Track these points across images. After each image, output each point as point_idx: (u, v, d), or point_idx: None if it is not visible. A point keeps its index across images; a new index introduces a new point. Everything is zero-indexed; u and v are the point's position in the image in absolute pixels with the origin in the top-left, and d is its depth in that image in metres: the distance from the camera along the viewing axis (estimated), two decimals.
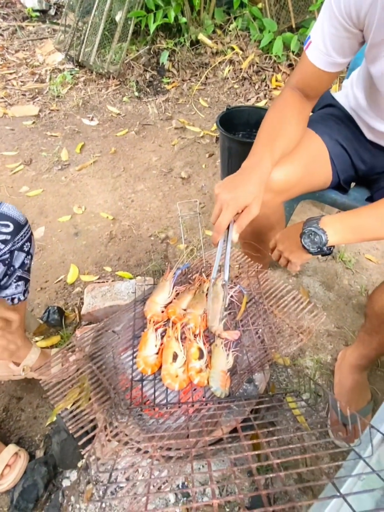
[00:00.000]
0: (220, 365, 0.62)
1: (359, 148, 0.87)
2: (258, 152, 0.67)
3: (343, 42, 0.65)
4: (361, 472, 0.38)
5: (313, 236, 0.66)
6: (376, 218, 0.65)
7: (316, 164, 0.83)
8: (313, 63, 0.69)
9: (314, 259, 1.39)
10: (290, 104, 0.74)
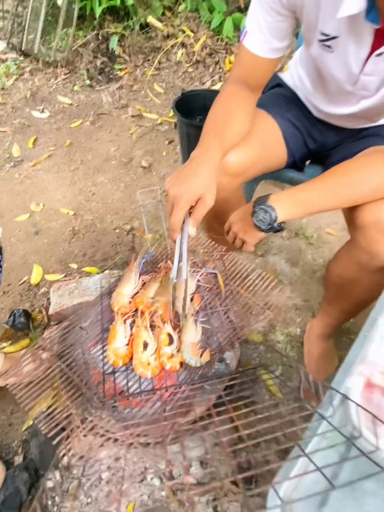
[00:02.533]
0: (189, 339, 0.63)
1: (309, 126, 0.89)
2: (205, 143, 0.67)
3: (278, 25, 0.66)
4: (324, 431, 0.41)
5: (263, 214, 0.67)
6: (320, 192, 0.67)
7: (271, 144, 0.85)
8: (253, 52, 0.69)
9: (278, 238, 1.44)
10: (234, 97, 0.73)
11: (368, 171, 0.65)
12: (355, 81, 0.68)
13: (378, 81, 0.66)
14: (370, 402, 0.43)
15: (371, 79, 0.66)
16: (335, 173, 0.68)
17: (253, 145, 0.80)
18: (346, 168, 0.68)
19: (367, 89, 0.69)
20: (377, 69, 0.64)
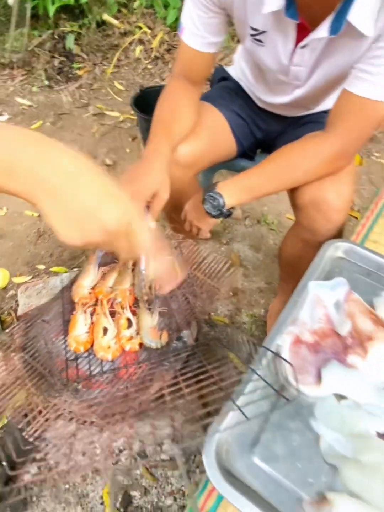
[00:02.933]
0: (147, 324, 0.68)
1: (254, 116, 0.94)
2: (154, 140, 0.71)
3: (211, 21, 0.70)
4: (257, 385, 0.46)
5: (212, 201, 0.72)
6: (262, 177, 0.73)
7: (219, 135, 0.90)
8: (191, 46, 0.73)
9: (242, 226, 1.50)
10: (178, 92, 0.77)
11: (302, 156, 0.71)
12: (287, 71, 0.73)
13: (306, 71, 0.72)
14: (297, 356, 0.49)
15: (300, 69, 0.71)
16: (274, 158, 0.74)
17: (201, 137, 0.84)
18: (283, 154, 0.74)
19: (298, 79, 0.75)
20: (303, 60, 0.69)
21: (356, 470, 0.39)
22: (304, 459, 0.41)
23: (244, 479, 0.40)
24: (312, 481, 0.40)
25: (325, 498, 0.37)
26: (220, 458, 0.40)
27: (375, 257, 0.62)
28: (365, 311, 0.54)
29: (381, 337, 0.50)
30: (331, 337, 0.51)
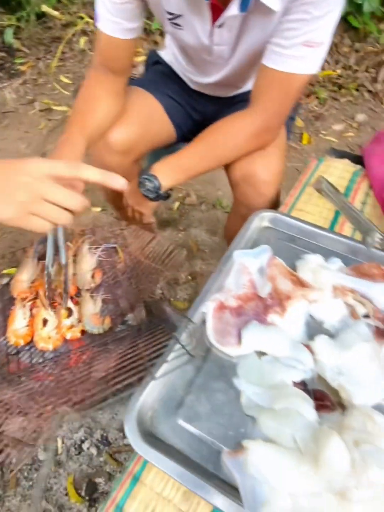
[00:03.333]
0: (89, 310, 0.68)
1: (189, 98, 0.95)
2: (68, 131, 0.69)
3: (125, 7, 0.68)
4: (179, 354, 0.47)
5: (147, 183, 0.73)
6: (194, 156, 0.74)
7: (153, 120, 0.89)
8: (107, 33, 0.71)
9: (198, 212, 1.51)
10: (95, 83, 0.75)
11: (228, 133, 0.73)
12: (210, 51, 0.74)
13: (229, 50, 0.73)
14: (220, 320, 0.51)
15: (222, 48, 0.72)
16: (203, 137, 0.75)
17: (133, 122, 0.83)
18: (211, 132, 0.75)
19: (222, 58, 0.76)
20: (223, 39, 0.70)
21: (270, 417, 0.41)
22: (226, 415, 0.44)
23: (168, 440, 0.41)
24: (233, 434, 0.42)
25: (242, 447, 0.40)
26: (143, 424, 0.42)
27: (298, 223, 0.65)
28: (286, 273, 0.56)
29: (298, 295, 0.52)
30: (253, 300, 0.53)
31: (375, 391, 0.43)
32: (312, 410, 0.41)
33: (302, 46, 0.60)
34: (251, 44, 0.69)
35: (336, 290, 0.54)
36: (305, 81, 0.66)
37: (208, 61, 0.78)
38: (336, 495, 0.36)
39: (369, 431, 0.38)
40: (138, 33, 0.75)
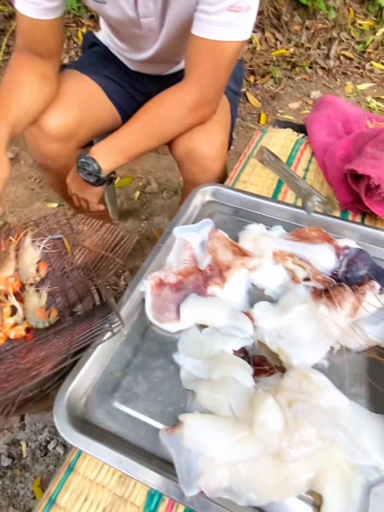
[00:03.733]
0: (33, 305, 0.64)
1: (130, 80, 0.91)
2: None
3: None
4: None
5: (87, 167, 0.69)
6: (131, 136, 0.71)
7: (93, 103, 0.85)
8: (27, 15, 0.66)
9: (160, 200, 1.48)
10: (20, 66, 0.70)
11: (164, 109, 0.70)
12: (138, 24, 0.71)
13: (157, 21, 0.70)
14: (159, 297, 0.49)
15: (150, 20, 0.69)
16: (140, 115, 0.72)
17: (69, 106, 0.79)
18: (147, 109, 0.72)
19: (152, 30, 0.72)
20: (150, 10, 0.67)
21: (207, 388, 0.40)
22: (165, 392, 0.42)
23: (103, 425, 0.39)
24: (172, 410, 0.40)
25: (179, 422, 0.38)
26: (76, 411, 0.39)
27: (241, 195, 0.63)
28: (227, 244, 0.55)
29: (238, 264, 0.51)
30: (194, 274, 0.52)
31: (313, 351, 0.43)
32: (249, 376, 0.40)
33: (228, 11, 0.58)
34: (178, 13, 0.66)
35: (276, 256, 0.53)
36: (236, 49, 0.63)
37: (138, 35, 0.75)
38: (272, 457, 0.35)
39: (304, 390, 0.38)
40: (61, 12, 0.70)
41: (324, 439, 0.34)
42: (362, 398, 0.42)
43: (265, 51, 2.01)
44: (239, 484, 0.34)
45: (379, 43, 2.01)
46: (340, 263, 0.51)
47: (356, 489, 0.35)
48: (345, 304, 0.44)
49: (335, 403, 0.38)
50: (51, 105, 0.76)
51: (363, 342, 0.43)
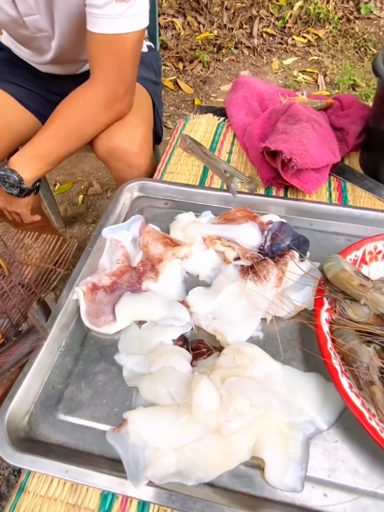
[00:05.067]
0: None
1: (42, 82, 0.86)
2: None
3: None
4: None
5: (7, 179, 0.66)
6: (50, 140, 0.68)
7: (6, 114, 0.80)
8: None
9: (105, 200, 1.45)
10: None
11: (76, 110, 0.67)
12: (23, 24, 0.66)
13: (44, 20, 0.66)
14: (93, 302, 0.48)
15: (35, 17, 0.65)
16: (54, 119, 0.69)
17: None
18: (60, 112, 0.69)
19: (43, 29, 0.68)
20: (30, 8, 0.63)
21: (148, 381, 0.41)
22: (109, 394, 0.42)
23: (49, 439, 0.39)
24: (118, 410, 0.41)
25: (124, 420, 0.39)
26: (18, 431, 0.39)
27: (168, 186, 0.64)
28: (159, 237, 0.55)
29: (169, 255, 0.52)
30: (128, 272, 0.52)
31: (245, 326, 0.45)
32: (186, 361, 0.41)
33: (116, 3, 0.57)
34: (67, 9, 0.63)
35: (205, 241, 0.54)
36: (135, 39, 0.62)
37: (30, 37, 0.70)
38: (213, 434, 0.36)
39: (238, 365, 0.40)
40: None
41: (257, 407, 0.36)
42: (296, 361, 0.44)
43: (190, 36, 2.00)
44: (186, 466, 0.36)
45: (297, 17, 2.07)
46: (265, 238, 0.54)
47: (295, 445, 0.37)
48: (270, 276, 0.47)
49: (269, 371, 0.40)
50: None
51: (290, 309, 0.46)
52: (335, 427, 0.39)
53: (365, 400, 0.39)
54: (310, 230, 0.59)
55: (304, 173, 0.60)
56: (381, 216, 0.57)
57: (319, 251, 0.55)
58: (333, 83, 1.88)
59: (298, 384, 0.41)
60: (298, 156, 0.58)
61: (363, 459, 0.38)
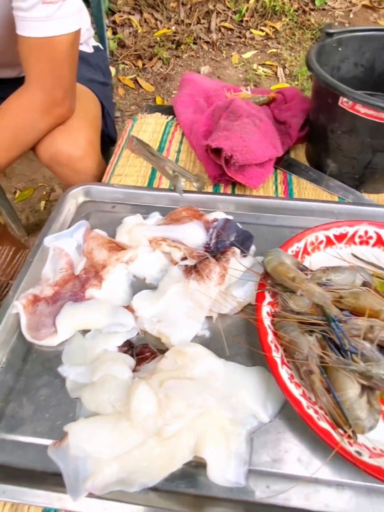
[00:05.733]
0: None
1: None
2: None
3: None
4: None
5: None
6: None
7: None
8: None
9: None
10: None
11: (14, 116, 0.65)
12: None
13: None
14: (34, 315, 0.47)
15: None
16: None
17: None
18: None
19: None
20: None
21: (90, 391, 0.40)
22: (52, 407, 0.41)
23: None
24: (61, 423, 0.40)
25: (65, 433, 0.38)
26: None
27: (115, 189, 0.63)
28: (104, 242, 0.54)
29: (113, 260, 0.51)
30: (71, 281, 0.50)
31: (189, 326, 0.45)
32: (127, 368, 0.41)
33: (43, 5, 0.55)
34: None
35: (151, 243, 0.54)
36: (68, 42, 0.61)
37: None
38: (154, 438, 0.36)
39: (179, 366, 0.39)
40: None
41: (194, 407, 0.36)
42: (242, 356, 0.45)
43: (148, 33, 1.98)
44: (128, 473, 0.36)
45: (253, 10, 2.09)
46: (210, 236, 0.54)
47: (237, 440, 0.38)
48: (212, 274, 0.47)
49: (211, 369, 0.40)
50: None
51: (234, 305, 0.47)
52: (278, 418, 0.40)
53: (306, 390, 0.40)
54: (257, 225, 0.59)
55: (248, 168, 0.61)
56: (323, 207, 0.58)
57: (265, 245, 0.55)
58: (292, 75, 1.91)
59: (241, 379, 0.41)
60: (239, 153, 0.58)
61: (304, 447, 0.39)
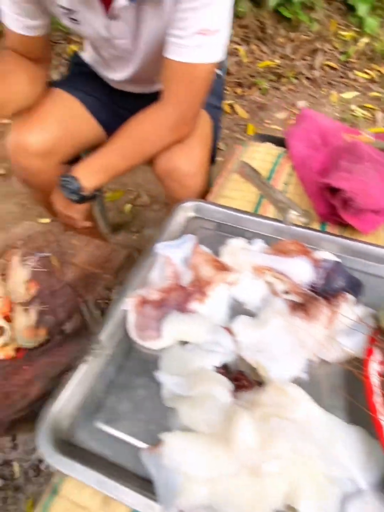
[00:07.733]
0: (21, 324, 0.65)
1: (113, 97, 0.93)
2: None
3: (23, 6, 0.67)
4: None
5: (68, 185, 0.71)
6: (114, 154, 0.72)
7: (74, 119, 0.87)
8: (12, 29, 0.71)
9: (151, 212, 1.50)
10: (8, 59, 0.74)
11: (145, 129, 0.72)
12: (113, 45, 0.73)
13: (130, 43, 0.72)
14: (141, 315, 0.50)
15: (124, 41, 0.71)
16: (122, 134, 0.74)
17: (51, 122, 0.81)
18: (129, 128, 0.73)
19: (127, 51, 0.75)
20: (122, 32, 0.69)
21: (187, 405, 0.41)
22: (147, 411, 0.43)
23: (86, 446, 0.40)
24: (154, 428, 0.41)
25: (160, 441, 0.39)
26: (59, 433, 0.40)
27: (222, 210, 0.65)
28: (209, 260, 0.56)
29: (218, 279, 0.52)
30: (176, 291, 0.53)
31: (291, 364, 0.44)
32: (226, 392, 0.41)
33: (198, 35, 0.61)
34: (152, 36, 0.68)
35: (255, 270, 0.54)
36: (208, 70, 0.66)
37: (115, 55, 0.77)
38: (248, 472, 0.35)
39: (281, 405, 0.39)
40: (44, 30, 0.74)
41: (296, 453, 0.35)
42: (339, 410, 0.42)
43: (251, 63, 2.06)
44: (217, 500, 0.35)
45: (361, 52, 2.07)
46: (318, 275, 0.53)
47: (331, 501, 0.35)
48: (320, 316, 0.46)
49: (310, 416, 0.39)
50: (30, 121, 0.79)
51: (339, 354, 0.45)
52: (377, 489, 0.37)
53: None
54: (363, 273, 0.57)
55: (364, 213, 0.59)
56: None
57: (372, 296, 0.53)
58: None
59: (339, 435, 0.39)
60: (359, 196, 0.57)
61: None
